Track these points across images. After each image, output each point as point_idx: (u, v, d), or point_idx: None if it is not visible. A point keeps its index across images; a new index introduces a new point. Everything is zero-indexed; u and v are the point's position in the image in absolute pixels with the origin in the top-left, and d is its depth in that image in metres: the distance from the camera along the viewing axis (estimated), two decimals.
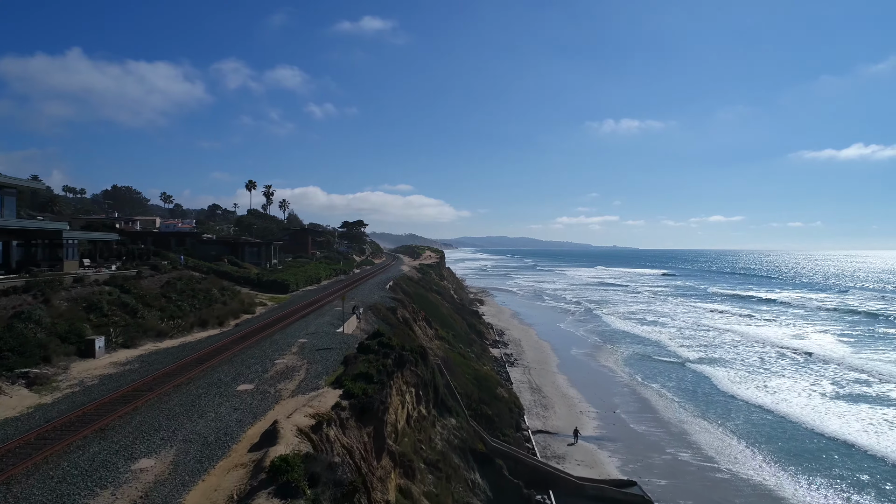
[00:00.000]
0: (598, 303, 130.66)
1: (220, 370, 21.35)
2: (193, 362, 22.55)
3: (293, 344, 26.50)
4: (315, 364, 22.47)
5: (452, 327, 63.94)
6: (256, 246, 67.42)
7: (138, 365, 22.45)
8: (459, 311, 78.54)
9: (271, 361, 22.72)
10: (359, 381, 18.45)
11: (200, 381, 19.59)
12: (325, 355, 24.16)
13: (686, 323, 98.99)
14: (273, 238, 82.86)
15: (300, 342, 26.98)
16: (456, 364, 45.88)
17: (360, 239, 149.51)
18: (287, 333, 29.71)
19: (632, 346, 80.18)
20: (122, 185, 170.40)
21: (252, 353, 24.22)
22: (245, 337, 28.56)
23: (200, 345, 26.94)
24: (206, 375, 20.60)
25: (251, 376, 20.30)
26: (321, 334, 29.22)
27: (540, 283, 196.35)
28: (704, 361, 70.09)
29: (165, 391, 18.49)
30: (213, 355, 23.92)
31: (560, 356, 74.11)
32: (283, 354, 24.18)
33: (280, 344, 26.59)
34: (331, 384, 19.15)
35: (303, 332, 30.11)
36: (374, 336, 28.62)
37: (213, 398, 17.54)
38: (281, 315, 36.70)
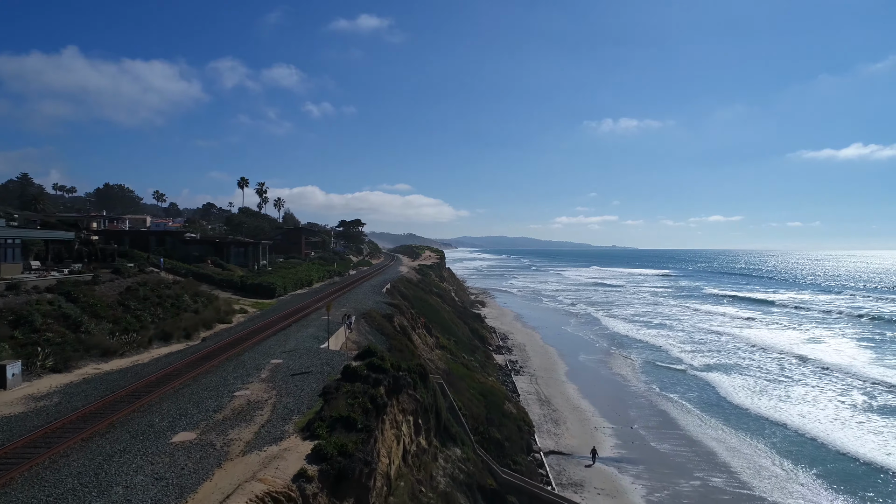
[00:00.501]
0: (601, 304, 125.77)
1: (160, 408, 16.29)
2: (130, 395, 17.45)
3: (264, 366, 21.47)
4: (286, 397, 17.45)
5: (454, 333, 59.00)
6: (243, 246, 62.27)
7: (58, 399, 17.27)
8: (461, 314, 73.59)
9: (230, 393, 17.64)
10: (337, 429, 13.50)
11: (126, 428, 14.48)
12: (300, 383, 19.15)
13: (695, 326, 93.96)
14: (265, 238, 77.91)
15: (273, 363, 21.95)
16: (459, 377, 40.93)
17: (358, 239, 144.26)
18: (260, 350, 24.72)
19: (642, 351, 75.21)
20: (114, 184, 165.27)
21: (209, 381, 19.15)
22: (209, 355, 23.55)
23: (151, 367, 21.89)
24: (138, 417, 15.54)
25: (197, 418, 15.25)
26: (301, 352, 24.20)
27: (541, 284, 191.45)
28: (720, 369, 65.16)
29: (67, 448, 13.28)
30: (159, 384, 18.87)
31: (568, 363, 69.16)
32: (247, 382, 19.11)
33: (248, 366, 21.57)
34: (301, 430, 14.24)
35: (280, 348, 25.12)
36: (364, 355, 23.67)
37: (134, 458, 12.42)
38: (260, 325, 31.76)
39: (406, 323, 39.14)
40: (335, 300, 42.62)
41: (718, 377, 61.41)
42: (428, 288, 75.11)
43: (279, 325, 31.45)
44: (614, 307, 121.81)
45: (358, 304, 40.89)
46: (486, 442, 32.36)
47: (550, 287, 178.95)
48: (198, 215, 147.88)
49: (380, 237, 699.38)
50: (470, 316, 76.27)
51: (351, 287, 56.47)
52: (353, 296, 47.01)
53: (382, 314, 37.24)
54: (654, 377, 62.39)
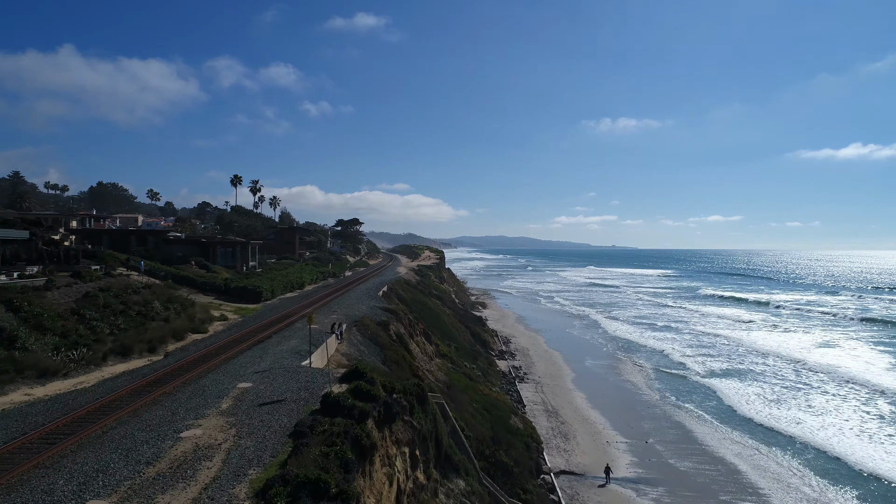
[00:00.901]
0: (604, 306, 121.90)
1: (76, 460, 12.38)
2: (43, 439, 13.60)
3: (228, 392, 17.56)
4: (246, 438, 13.54)
5: (455, 339, 55.21)
6: (231, 246, 58.38)
7: None
8: (462, 317, 69.77)
9: (176, 434, 13.67)
10: (302, 498, 9.67)
11: (12, 498, 10.84)
12: (268, 416, 15.26)
13: (701, 329, 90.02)
14: (257, 237, 74.11)
15: (241, 388, 18.03)
16: (461, 389, 37.14)
17: (356, 238, 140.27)
18: (229, 370, 20.80)
19: (650, 356, 71.41)
20: (107, 182, 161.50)
21: (153, 416, 15.12)
22: (167, 377, 19.58)
23: (92, 393, 17.93)
24: (39, 476, 11.60)
25: (121, 475, 11.28)
26: (277, 372, 20.30)
27: (542, 285, 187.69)
28: (733, 375, 61.39)
29: None
30: (89, 419, 14.98)
31: (574, 369, 65.36)
32: (202, 415, 15.12)
33: (209, 392, 17.64)
34: (255, 495, 10.45)
35: (253, 366, 21.23)
36: (351, 376, 19.86)
37: None
38: (238, 335, 27.91)
39: (403, 330, 35.36)
40: (326, 305, 38.79)
41: (733, 385, 57.67)
42: (427, 290, 71.27)
43: (259, 336, 27.61)
44: (617, 308, 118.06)
45: (351, 309, 37.03)
46: (493, 467, 28.61)
47: (551, 287, 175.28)
48: (193, 214, 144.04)
49: (379, 237, 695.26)
50: (471, 319, 72.43)
51: (345, 290, 52.62)
52: (346, 300, 43.10)
53: (377, 321, 33.42)
54: (666, 384, 58.63)
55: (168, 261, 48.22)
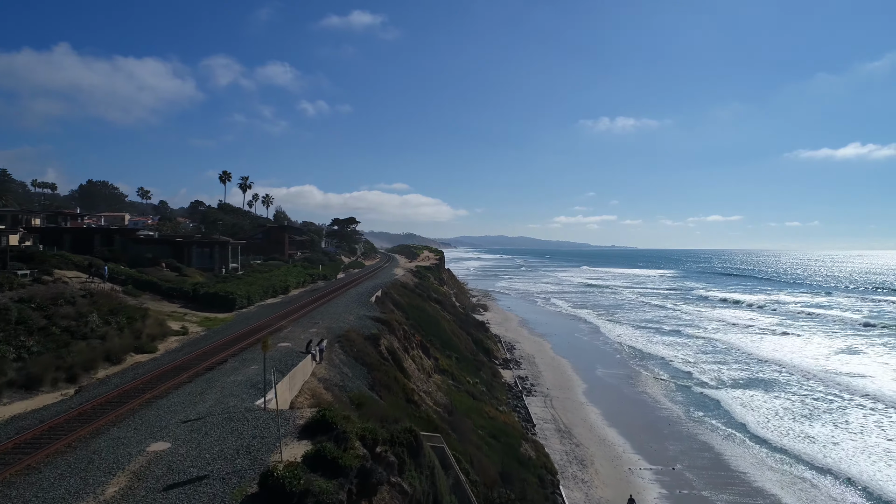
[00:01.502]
0: (610, 308, 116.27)
1: None
2: None
3: (130, 460, 11.72)
4: None
5: (456, 348, 49.63)
6: (208, 246, 52.61)
7: None
8: (463, 322, 64.17)
9: None
10: None
11: None
12: None
13: (713, 335, 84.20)
14: (244, 236, 68.52)
15: (151, 452, 12.17)
16: (465, 413, 31.54)
17: (352, 238, 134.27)
18: (148, 417, 15.16)
19: (664, 365, 65.80)
20: (97, 181, 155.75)
21: None
22: (51, 433, 13.89)
23: None
24: None
25: None
26: (215, 420, 14.44)
27: (545, 286, 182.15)
28: (756, 385, 55.99)
29: None
30: None
31: (584, 378, 59.78)
32: None
33: (101, 460, 11.97)
34: None
35: (185, 410, 15.28)
36: (315, 427, 14.23)
37: None
38: (189, 357, 22.22)
39: (397, 344, 29.79)
40: (308, 314, 33.22)
41: (758, 398, 52.14)
42: (426, 293, 65.68)
43: (215, 358, 22.00)
44: (621, 311, 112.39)
45: (336, 320, 31.40)
46: None
47: (553, 288, 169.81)
48: (185, 214, 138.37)
49: (378, 237, 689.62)
50: (473, 324, 66.80)
51: (334, 295, 47.02)
52: (333, 307, 37.41)
53: (365, 335, 27.79)
54: (686, 397, 53.02)
55: (137, 262, 42.65)
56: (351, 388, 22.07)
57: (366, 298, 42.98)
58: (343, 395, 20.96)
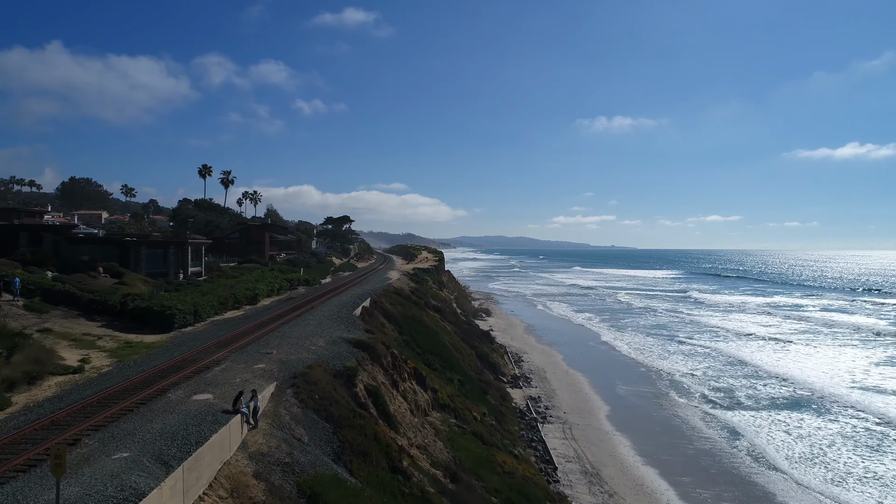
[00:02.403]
0: (619, 313, 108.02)
1: None
2: None
3: None
4: None
5: (458, 367, 41.60)
6: (161, 247, 44.25)
7: None
8: (466, 333, 56.11)
9: None
10: None
11: None
12: None
13: (737, 344, 76.28)
14: (222, 235, 60.43)
15: None
16: (473, 470, 23.49)
17: (345, 238, 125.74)
18: None
19: (689, 380, 57.92)
20: (80, 178, 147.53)
21: None
22: None
23: None
24: None
25: None
26: None
27: (548, 287, 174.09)
28: (801, 407, 48.01)
29: None
30: None
31: (605, 398, 51.77)
32: None
33: None
34: None
35: None
36: None
37: None
38: (45, 422, 14.27)
39: (382, 378, 21.79)
40: (263, 338, 25.08)
41: (809, 424, 44.21)
42: (424, 299, 57.61)
43: (83, 425, 13.88)
44: (631, 316, 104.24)
45: (299, 346, 22.89)
46: None
47: (556, 291, 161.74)
48: (170, 213, 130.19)
49: (378, 237, 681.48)
50: (476, 335, 58.71)
51: (311, 306, 38.81)
52: (301, 326, 28.68)
53: (336, 370, 19.57)
54: (726, 424, 44.97)
55: (71, 265, 34.65)
56: (303, 466, 14.02)
57: (348, 311, 34.83)
58: (287, 484, 12.88)
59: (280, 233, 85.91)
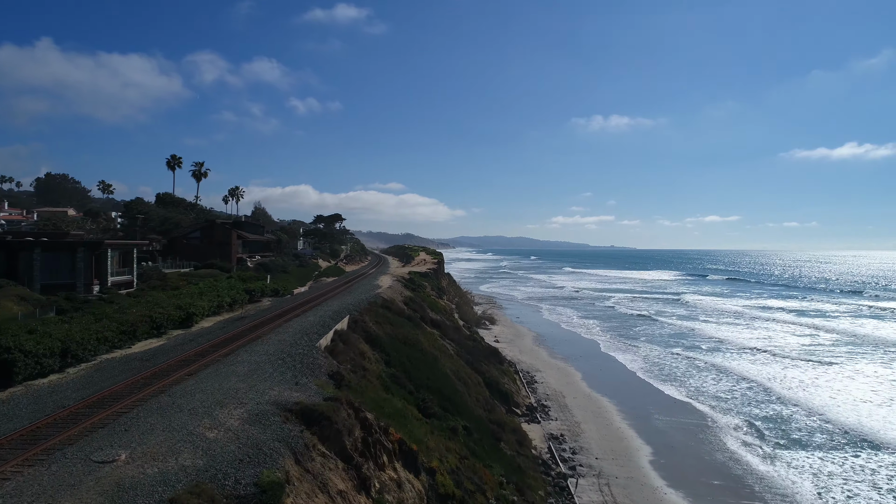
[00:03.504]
0: (630, 321, 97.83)
1: None
2: None
3: None
4: None
5: (464, 408, 31.77)
6: (67, 250, 33.72)
7: None
8: (471, 352, 46.18)
9: None
10: None
11: None
12: None
13: (772, 361, 66.35)
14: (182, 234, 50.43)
15: None
16: None
17: (336, 238, 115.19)
18: None
19: (732, 405, 48.33)
20: (56, 174, 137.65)
21: None
22: None
23: None
24: None
25: None
26: None
27: (552, 290, 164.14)
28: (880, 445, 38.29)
29: None
30: None
31: (642, 434, 41.95)
32: None
33: None
34: None
35: None
36: None
37: None
38: None
39: (338, 483, 12.18)
40: (121, 415, 14.73)
41: None
42: (420, 312, 47.69)
43: None
44: (643, 323, 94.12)
45: (191, 429, 12.76)
46: None
47: (561, 293, 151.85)
48: None
49: (377, 237, 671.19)
50: (483, 352, 48.76)
51: (263, 330, 28.36)
52: (223, 375, 18.86)
53: (237, 498, 9.89)
54: (801, 469, 35.40)
55: None
56: None
57: (311, 340, 24.65)
58: None
59: (255, 232, 74.93)
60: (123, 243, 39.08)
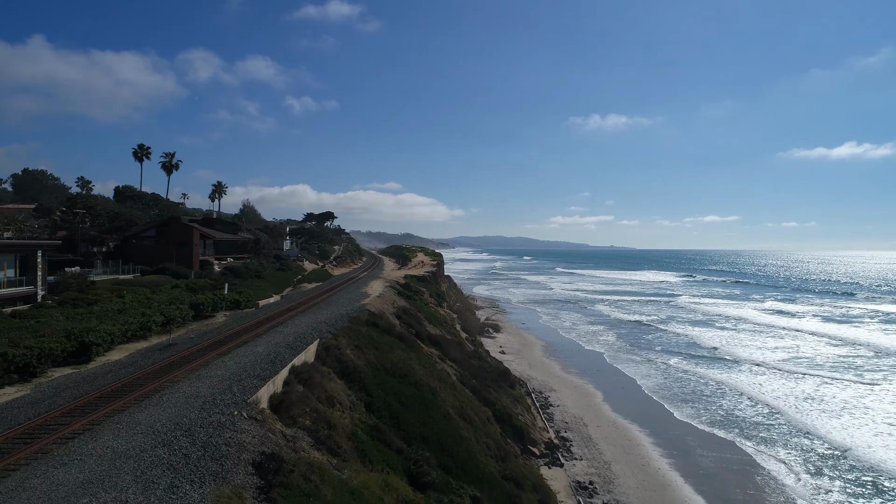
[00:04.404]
0: (643, 327, 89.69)
1: None
2: None
3: None
4: None
5: (471, 463, 23.75)
6: None
7: None
8: (477, 376, 38.01)
9: None
10: None
11: None
12: None
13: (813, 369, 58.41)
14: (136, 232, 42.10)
15: None
16: None
17: (326, 237, 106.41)
18: None
19: (787, 435, 40.34)
20: (34, 169, 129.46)
21: None
22: None
23: None
24: None
25: None
26: None
27: (556, 292, 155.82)
28: None
29: None
30: None
31: (688, 476, 34.00)
32: None
33: None
34: None
35: None
36: None
37: None
38: None
39: None
40: None
41: None
42: (416, 327, 39.41)
43: None
44: (653, 331, 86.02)
45: None
46: None
47: (566, 296, 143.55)
48: None
49: (376, 237, 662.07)
50: (490, 375, 40.57)
51: (186, 370, 20.05)
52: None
53: None
54: None
55: None
56: None
57: (244, 390, 15.74)
58: None
59: (228, 230, 66.06)
60: (18, 244, 30.84)
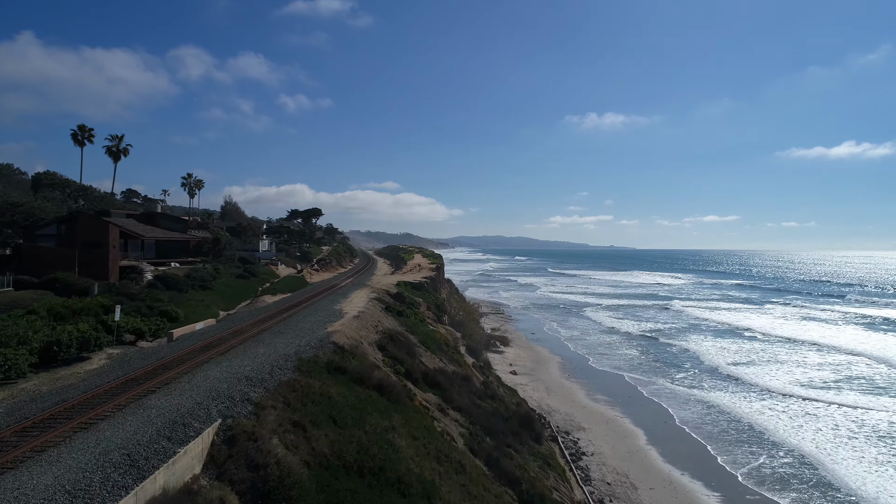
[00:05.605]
0: (665, 334, 78.61)
1: None
2: None
3: None
4: None
5: None
6: None
7: None
8: (491, 432, 27.02)
9: None
10: None
11: None
12: None
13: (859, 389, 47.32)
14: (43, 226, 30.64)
15: None
16: None
17: (310, 237, 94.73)
18: None
19: None
20: (2, 164, 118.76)
21: None
22: None
23: None
24: None
25: None
26: None
27: (560, 295, 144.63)
28: None
29: None
30: None
31: None
32: None
33: None
34: None
35: None
36: None
37: None
38: None
39: None
40: None
41: None
42: (406, 362, 27.96)
43: None
44: (685, 334, 75.31)
45: None
46: None
47: (576, 299, 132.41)
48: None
49: (374, 237, 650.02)
50: (511, 426, 29.41)
51: None
52: None
53: None
54: None
55: None
56: None
57: None
58: None
59: (173, 227, 53.54)
60: None
